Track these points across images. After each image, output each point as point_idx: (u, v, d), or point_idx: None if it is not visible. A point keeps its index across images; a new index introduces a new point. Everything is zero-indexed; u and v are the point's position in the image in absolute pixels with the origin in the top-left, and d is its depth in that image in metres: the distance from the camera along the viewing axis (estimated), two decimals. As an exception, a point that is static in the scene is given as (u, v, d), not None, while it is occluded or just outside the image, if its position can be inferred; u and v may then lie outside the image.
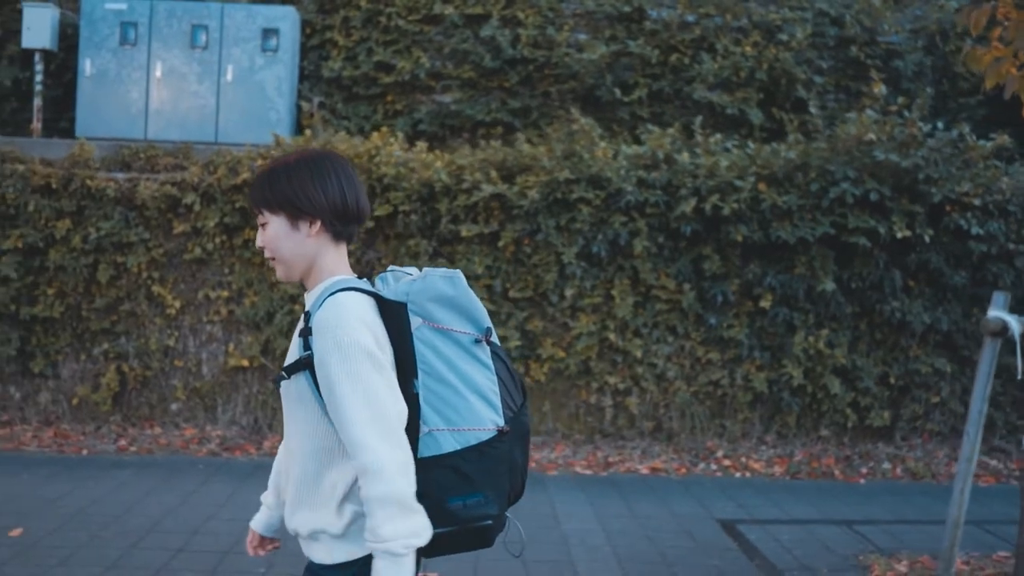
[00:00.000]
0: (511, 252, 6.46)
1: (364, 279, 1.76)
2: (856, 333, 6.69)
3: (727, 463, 6.37)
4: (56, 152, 6.82)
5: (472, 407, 1.69)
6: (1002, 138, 6.48)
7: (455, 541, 1.71)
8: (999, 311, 3.88)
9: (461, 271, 1.79)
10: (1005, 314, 3.86)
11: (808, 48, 7.80)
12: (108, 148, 6.85)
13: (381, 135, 6.62)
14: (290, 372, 1.70)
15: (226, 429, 6.54)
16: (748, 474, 6.23)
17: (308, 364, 1.67)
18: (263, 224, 1.76)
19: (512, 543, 1.91)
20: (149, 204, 6.46)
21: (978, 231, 6.44)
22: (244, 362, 6.50)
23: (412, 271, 1.79)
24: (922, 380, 6.70)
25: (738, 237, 6.35)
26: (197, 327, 6.63)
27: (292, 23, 7.53)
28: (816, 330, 6.57)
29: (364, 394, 1.61)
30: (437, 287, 1.71)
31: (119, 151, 6.79)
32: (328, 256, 1.75)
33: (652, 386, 6.56)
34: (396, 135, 6.77)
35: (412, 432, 1.68)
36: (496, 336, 1.77)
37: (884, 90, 6.79)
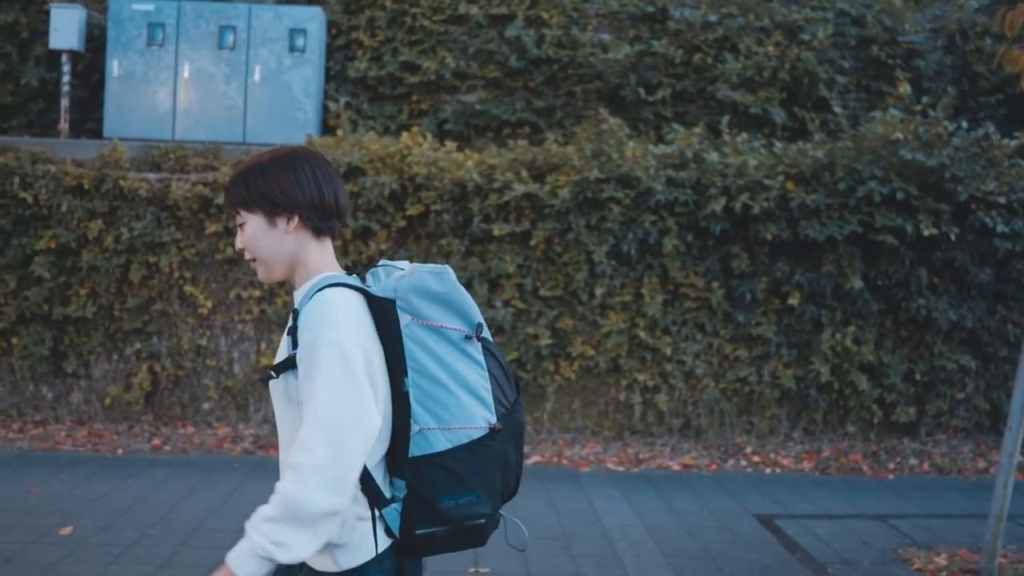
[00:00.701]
0: (542, 251, 6.51)
1: (354, 275, 1.74)
2: (882, 330, 6.75)
3: (756, 459, 6.44)
4: (84, 153, 6.86)
5: (463, 405, 1.67)
6: (1026, 137, 6.56)
7: (448, 540, 1.69)
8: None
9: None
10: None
11: (830, 48, 7.86)
12: (137, 149, 6.88)
13: (411, 135, 6.67)
14: (278, 371, 1.67)
15: (259, 428, 6.59)
16: (778, 470, 6.29)
17: (295, 362, 1.64)
18: (241, 224, 1.74)
19: (515, 540, 1.89)
20: (181, 204, 6.50)
21: (1003, 229, 6.51)
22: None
23: (405, 266, 1.77)
24: (947, 376, 6.77)
25: (767, 235, 6.41)
26: (229, 327, 6.67)
27: (319, 23, 7.57)
28: (843, 327, 6.64)
29: (328, 396, 1.57)
30: (426, 283, 1.67)
31: (149, 152, 6.83)
32: (311, 252, 1.72)
33: (681, 383, 6.62)
34: (425, 135, 6.82)
35: (402, 431, 1.66)
36: (487, 331, 1.75)
37: (909, 89, 6.85)
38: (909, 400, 6.75)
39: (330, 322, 1.59)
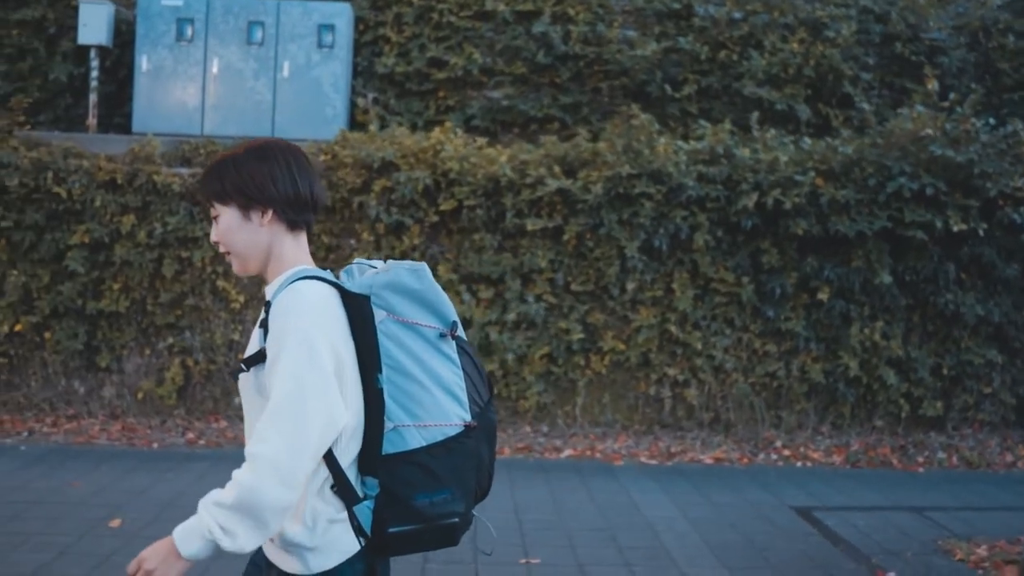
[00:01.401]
0: (573, 246, 6.55)
1: (328, 271, 1.71)
2: (909, 325, 6.81)
3: (787, 453, 6.49)
4: (113, 148, 6.87)
5: (438, 402, 1.65)
6: (1054, 133, 6.61)
7: (421, 539, 1.67)
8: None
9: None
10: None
11: (854, 45, 7.90)
12: (166, 144, 6.90)
13: (444, 130, 6.70)
14: (249, 364, 1.65)
15: (291, 422, 6.61)
16: (808, 463, 6.35)
17: (266, 354, 1.62)
18: (215, 217, 1.72)
19: (484, 542, 1.91)
20: (214, 199, 6.51)
21: (1031, 225, 6.57)
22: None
23: (378, 264, 1.75)
24: (974, 371, 6.83)
25: (798, 231, 6.45)
26: (261, 321, 6.69)
27: (347, 19, 7.59)
28: (871, 322, 6.69)
29: (293, 389, 1.55)
30: (402, 280, 1.66)
31: (179, 147, 6.84)
32: (285, 246, 1.71)
33: (710, 377, 6.67)
34: (456, 131, 6.85)
35: (376, 428, 1.63)
36: (462, 330, 1.73)
37: (937, 86, 6.89)
38: (936, 394, 6.80)
39: (300, 312, 1.58)
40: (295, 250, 1.72)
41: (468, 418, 1.67)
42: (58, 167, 6.50)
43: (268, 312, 1.63)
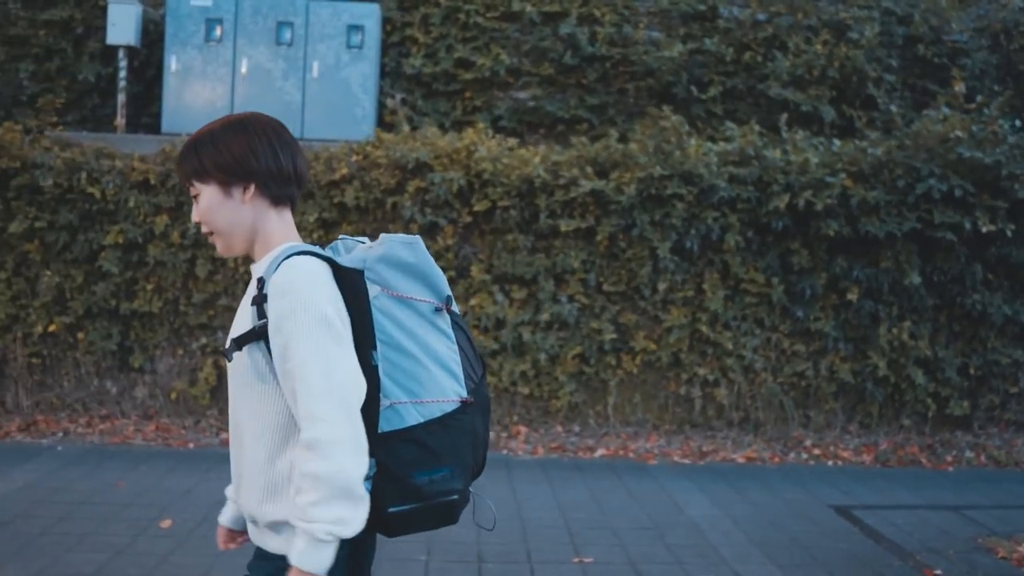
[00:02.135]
0: (606, 247, 6.59)
1: (317, 246, 1.67)
2: (936, 325, 6.87)
3: (817, 452, 6.55)
4: (142, 148, 6.88)
5: (434, 378, 1.61)
6: (1080, 135, 6.67)
7: (421, 518, 1.63)
8: None
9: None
10: None
11: (877, 47, 7.96)
12: (199, 144, 6.91)
13: (476, 131, 6.73)
14: (242, 343, 1.59)
15: (324, 421, 6.64)
16: (839, 462, 6.41)
17: (262, 334, 1.56)
18: (195, 196, 1.67)
19: (484, 519, 1.89)
20: (247, 200, 6.53)
21: (1058, 226, 6.63)
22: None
23: (365, 240, 1.72)
24: (1000, 371, 6.89)
25: (829, 232, 6.51)
26: (294, 321, 6.71)
27: (376, 20, 7.62)
28: (899, 322, 6.75)
29: (324, 364, 1.52)
30: (397, 254, 1.62)
31: (211, 147, 6.85)
32: (271, 222, 1.66)
33: (740, 377, 6.72)
34: (488, 132, 6.88)
35: (372, 406, 1.58)
36: (456, 305, 1.70)
37: (964, 88, 6.95)
38: (963, 394, 6.87)
39: (308, 288, 1.54)
40: (281, 226, 1.67)
41: (464, 394, 1.64)
42: (91, 167, 6.51)
43: (262, 288, 1.58)
